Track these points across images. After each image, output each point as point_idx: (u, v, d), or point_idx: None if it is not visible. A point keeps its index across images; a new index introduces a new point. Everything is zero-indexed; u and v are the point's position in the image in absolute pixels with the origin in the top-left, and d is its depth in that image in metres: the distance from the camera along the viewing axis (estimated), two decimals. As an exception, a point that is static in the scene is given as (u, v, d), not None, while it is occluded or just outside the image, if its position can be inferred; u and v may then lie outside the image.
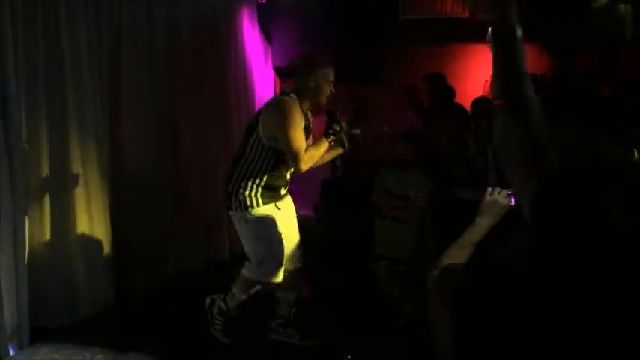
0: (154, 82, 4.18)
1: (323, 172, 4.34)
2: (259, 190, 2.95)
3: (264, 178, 2.96)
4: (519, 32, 1.15)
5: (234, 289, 3.15)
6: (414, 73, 5.20)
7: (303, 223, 3.30)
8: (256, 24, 5.47)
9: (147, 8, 4.11)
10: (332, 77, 3.00)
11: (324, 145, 2.95)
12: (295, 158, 2.81)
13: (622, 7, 4.56)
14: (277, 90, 5.79)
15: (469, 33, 5.37)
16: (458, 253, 1.57)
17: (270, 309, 3.34)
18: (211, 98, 4.74)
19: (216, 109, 4.80)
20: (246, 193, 2.93)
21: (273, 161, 2.94)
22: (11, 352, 3.13)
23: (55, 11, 3.39)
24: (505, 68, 1.16)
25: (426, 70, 5.07)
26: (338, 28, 5.43)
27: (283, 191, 3.11)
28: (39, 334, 3.32)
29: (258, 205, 2.94)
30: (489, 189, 1.75)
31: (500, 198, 1.73)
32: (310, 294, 3.89)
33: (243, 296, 3.12)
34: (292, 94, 2.96)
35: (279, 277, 3.02)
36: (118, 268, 3.92)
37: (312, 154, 2.87)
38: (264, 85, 5.59)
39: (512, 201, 1.72)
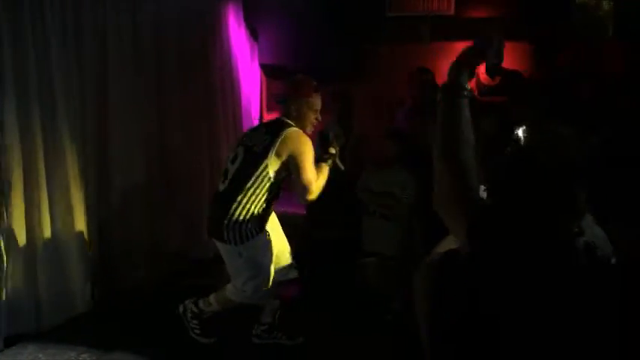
0: (139, 79, 4.14)
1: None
2: (257, 221, 2.84)
3: (263, 209, 2.85)
4: (467, 93, 1.30)
5: (212, 300, 3.13)
6: (400, 71, 5.21)
7: (292, 222, 3.29)
8: (242, 21, 5.45)
9: (132, 6, 4.07)
10: (317, 105, 2.96)
11: (326, 170, 2.95)
12: (307, 190, 2.79)
13: (604, 3, 4.60)
14: (264, 88, 5.77)
15: (455, 31, 5.40)
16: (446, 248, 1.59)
17: (255, 314, 3.30)
18: (197, 95, 4.72)
19: (202, 107, 4.78)
20: (247, 226, 2.81)
21: (275, 191, 2.86)
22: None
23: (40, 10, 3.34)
24: (445, 131, 1.35)
25: (412, 67, 5.08)
26: (324, 26, 5.42)
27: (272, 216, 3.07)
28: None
29: (253, 236, 2.84)
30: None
31: (484, 195, 1.74)
32: (298, 292, 3.89)
33: (220, 309, 3.13)
34: (290, 123, 2.90)
35: (264, 300, 3.07)
36: (104, 267, 3.88)
37: (319, 185, 2.85)
38: (250, 82, 5.57)
39: None
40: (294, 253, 3.20)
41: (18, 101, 3.25)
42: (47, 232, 3.49)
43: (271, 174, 2.78)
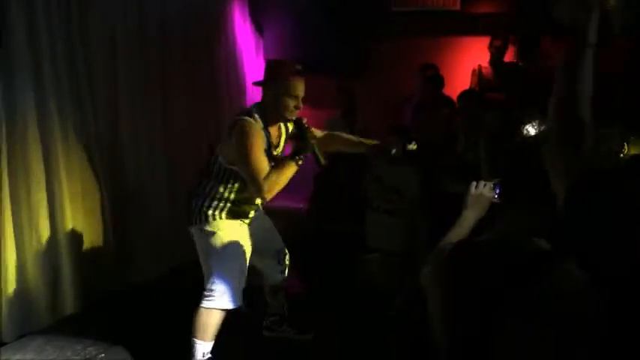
0: (145, 74, 4.16)
1: (314, 167, 4.35)
2: (224, 210, 2.74)
3: (230, 201, 2.73)
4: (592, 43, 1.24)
5: (194, 340, 2.73)
6: (406, 66, 5.21)
7: (294, 217, 3.28)
8: (248, 16, 5.46)
9: (138, 1, 4.08)
10: (297, 91, 2.64)
11: (290, 168, 2.54)
12: (254, 186, 2.51)
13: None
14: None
15: (461, 25, 5.39)
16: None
17: (264, 308, 3.32)
18: (203, 90, 4.73)
19: (208, 102, 4.79)
20: (210, 211, 2.72)
21: (239, 184, 2.71)
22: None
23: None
24: (565, 84, 1.26)
25: (417, 62, 5.08)
26: (329, 20, 5.42)
27: (252, 214, 2.88)
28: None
29: (220, 218, 2.73)
30: (474, 182, 1.79)
31: (485, 191, 1.76)
32: (302, 288, 3.91)
33: (205, 343, 2.73)
34: (255, 111, 2.68)
35: (233, 303, 2.71)
36: (111, 262, 3.91)
37: (276, 181, 2.50)
38: (255, 77, 5.58)
39: (496, 193, 1.76)
40: (296, 248, 3.18)
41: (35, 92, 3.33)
42: (64, 225, 3.54)
43: (220, 159, 2.70)
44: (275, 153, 2.76)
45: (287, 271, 3.13)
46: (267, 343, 3.28)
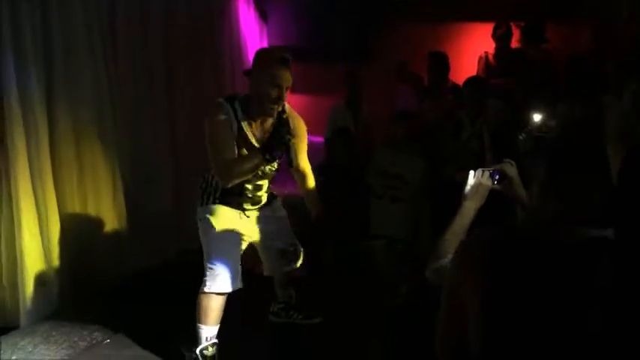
0: (147, 62, 4.15)
1: (320, 155, 4.35)
2: (217, 197, 2.73)
3: (220, 190, 2.71)
4: None
5: (198, 325, 2.76)
6: (411, 51, 5.17)
7: (299, 205, 3.25)
8: (252, 2, 5.42)
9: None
10: (279, 80, 2.49)
11: (255, 161, 2.54)
12: (214, 169, 2.57)
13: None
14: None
15: (466, 10, 5.34)
16: (452, 239, 1.61)
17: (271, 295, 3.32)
18: (206, 77, 4.71)
19: (211, 88, 4.77)
20: (204, 196, 2.74)
21: None
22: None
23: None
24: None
25: (422, 47, 5.04)
26: (334, 6, 5.38)
27: (247, 206, 2.81)
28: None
29: (213, 203, 2.72)
30: (472, 172, 1.76)
31: (484, 180, 1.74)
32: (307, 274, 3.91)
33: (208, 328, 2.75)
34: (238, 101, 2.61)
35: (228, 286, 2.70)
36: (118, 249, 3.94)
37: (237, 170, 2.54)
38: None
39: (496, 180, 1.74)
40: (302, 235, 3.15)
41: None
42: (77, 208, 3.61)
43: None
44: (257, 146, 2.63)
45: (298, 264, 3.05)
46: (274, 328, 3.29)
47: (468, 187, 1.74)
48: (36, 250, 3.31)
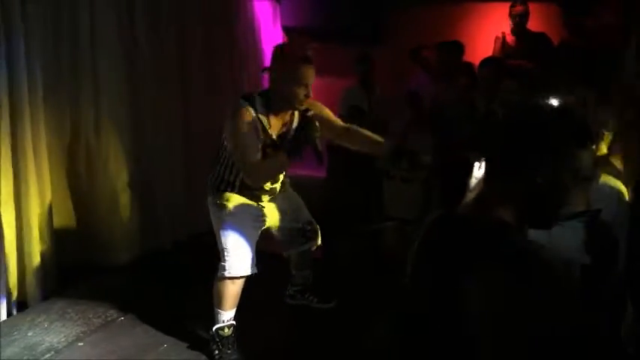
0: (161, 47, 4.15)
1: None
2: (226, 183, 2.74)
3: (236, 187, 2.72)
4: None
5: (215, 309, 2.80)
6: (426, 33, 5.10)
7: (312, 186, 3.23)
8: (265, -18, 5.38)
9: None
10: (306, 79, 2.51)
11: (281, 164, 2.62)
12: (242, 170, 2.59)
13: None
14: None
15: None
16: None
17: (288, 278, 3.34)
18: (219, 60, 4.69)
19: (224, 72, 4.75)
20: (221, 186, 2.75)
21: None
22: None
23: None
24: None
25: (437, 29, 4.97)
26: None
27: (265, 198, 2.86)
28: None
29: (229, 192, 2.73)
30: (477, 163, 1.72)
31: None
32: (320, 257, 3.92)
33: (226, 312, 2.78)
34: (258, 100, 2.60)
35: (243, 271, 2.74)
36: (133, 228, 3.98)
37: (264, 172, 2.61)
38: (272, 46, 5.51)
39: None
40: (315, 217, 3.15)
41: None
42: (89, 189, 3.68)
43: (226, 144, 2.67)
44: (276, 141, 2.67)
45: (318, 241, 3.08)
46: (290, 311, 3.31)
47: (472, 180, 1.70)
48: (47, 230, 3.37)
